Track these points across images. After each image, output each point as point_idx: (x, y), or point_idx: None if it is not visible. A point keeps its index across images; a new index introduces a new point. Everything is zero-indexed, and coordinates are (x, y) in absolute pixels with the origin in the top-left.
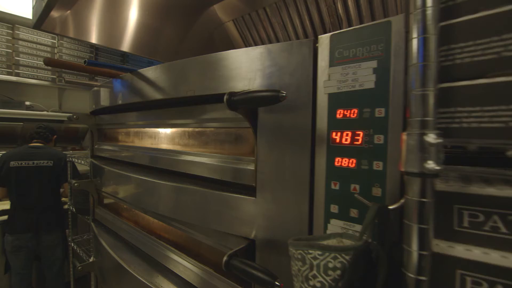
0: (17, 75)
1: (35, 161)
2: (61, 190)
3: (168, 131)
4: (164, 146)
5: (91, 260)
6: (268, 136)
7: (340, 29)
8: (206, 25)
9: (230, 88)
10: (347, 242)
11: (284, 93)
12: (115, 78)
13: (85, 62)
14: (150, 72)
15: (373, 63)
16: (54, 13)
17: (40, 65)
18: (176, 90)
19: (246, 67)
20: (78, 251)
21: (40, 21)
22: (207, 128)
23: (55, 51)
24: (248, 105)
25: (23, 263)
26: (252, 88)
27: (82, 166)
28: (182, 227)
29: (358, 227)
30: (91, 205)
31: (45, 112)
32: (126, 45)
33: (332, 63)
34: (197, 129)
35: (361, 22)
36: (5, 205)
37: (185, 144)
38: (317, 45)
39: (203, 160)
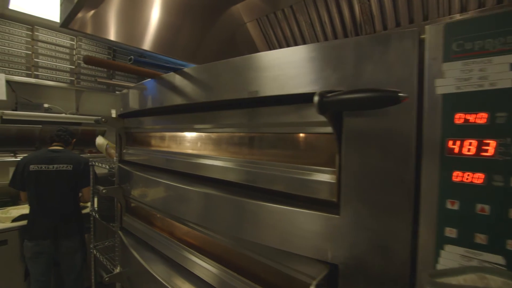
0: (36, 77)
1: (55, 165)
2: (79, 194)
3: (214, 136)
4: (209, 152)
5: (117, 270)
6: (357, 144)
7: (374, 28)
8: (227, 24)
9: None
10: (495, 281)
11: (403, 93)
12: (153, 79)
13: (130, 59)
14: (200, 71)
15: (510, 58)
16: (80, 13)
17: (59, 67)
18: (234, 90)
19: (322, 64)
20: (101, 259)
21: (68, 20)
22: (264, 134)
23: (74, 53)
24: (347, 108)
25: (42, 269)
26: (330, 89)
27: (99, 169)
28: (231, 243)
29: (486, 256)
30: (118, 212)
31: (63, 115)
32: (147, 43)
33: (448, 57)
34: (253, 135)
35: (397, 21)
36: (24, 209)
37: (235, 151)
38: (422, 36)
39: (260, 169)
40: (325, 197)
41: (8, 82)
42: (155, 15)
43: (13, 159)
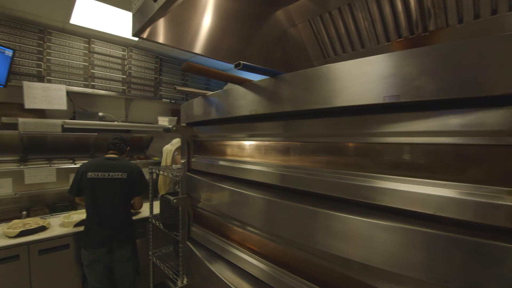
0: (93, 87)
1: (110, 173)
2: (131, 202)
3: (299, 145)
4: (289, 162)
5: (185, 281)
6: None
7: (446, 21)
8: (276, 26)
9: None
10: None
11: None
12: (240, 85)
13: (238, 64)
14: (310, 74)
15: None
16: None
17: (112, 77)
18: (360, 95)
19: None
20: (162, 267)
21: (141, 30)
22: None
23: (125, 63)
24: None
25: (98, 277)
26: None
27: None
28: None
29: None
30: (186, 222)
31: (115, 123)
32: (198, 47)
33: None
34: (358, 145)
35: (475, 13)
36: (81, 214)
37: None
38: None
39: (394, 185)
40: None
41: (67, 93)
42: (206, 19)
43: (72, 165)
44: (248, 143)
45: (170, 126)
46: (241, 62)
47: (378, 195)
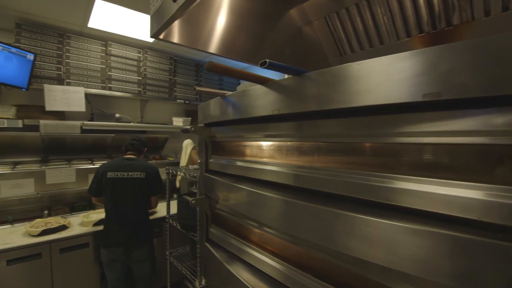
0: (110, 89)
1: (129, 173)
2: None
3: (324, 146)
4: (310, 163)
5: (203, 283)
6: None
7: (472, 14)
8: (290, 24)
9: None
10: None
11: None
12: (262, 84)
13: (264, 62)
14: (338, 72)
15: None
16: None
17: (128, 78)
18: (395, 92)
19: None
20: (180, 267)
21: (160, 31)
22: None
23: (141, 65)
24: None
25: (117, 275)
26: None
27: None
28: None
29: None
30: (204, 223)
31: (131, 124)
32: (212, 46)
33: None
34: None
35: (504, 5)
36: (103, 214)
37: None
38: None
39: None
40: None
41: (85, 95)
42: (220, 18)
43: (91, 166)
44: (267, 144)
45: (189, 127)
46: (267, 60)
47: (415, 198)
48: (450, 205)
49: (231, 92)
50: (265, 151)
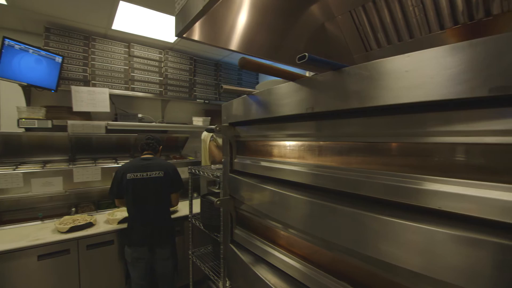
0: (133, 89)
1: (148, 172)
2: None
3: (363, 145)
4: (345, 164)
5: (228, 285)
6: None
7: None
8: (313, 19)
9: None
10: None
11: None
12: (294, 80)
13: (303, 57)
14: (383, 66)
15: None
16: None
17: (150, 79)
18: (452, 87)
19: None
20: (203, 268)
21: (185, 30)
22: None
23: (162, 65)
24: None
25: (141, 274)
26: None
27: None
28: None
29: None
30: (228, 224)
31: (153, 123)
32: (234, 44)
33: None
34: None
35: None
36: (124, 212)
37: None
38: None
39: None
40: None
41: (109, 96)
42: (241, 15)
43: (115, 165)
44: (296, 144)
45: (213, 126)
46: (306, 54)
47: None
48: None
49: (258, 90)
50: (294, 151)
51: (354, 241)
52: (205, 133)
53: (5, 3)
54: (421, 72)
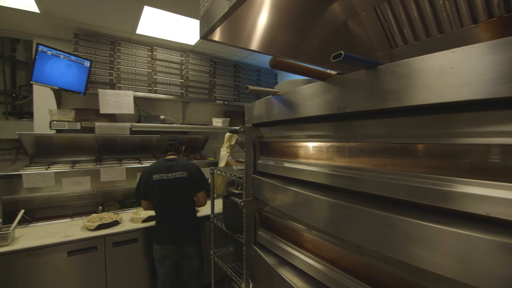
0: (155, 92)
1: (173, 173)
2: (194, 199)
3: (399, 147)
4: (373, 166)
5: (251, 286)
6: None
7: None
8: (335, 17)
9: None
10: None
11: None
12: (324, 80)
13: (339, 55)
14: (423, 63)
15: None
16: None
17: (172, 81)
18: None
19: None
20: (225, 268)
21: (210, 32)
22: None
23: (183, 68)
24: None
25: (167, 271)
26: None
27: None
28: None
29: None
30: (252, 226)
31: (175, 125)
32: (254, 44)
33: None
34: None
35: None
36: (151, 211)
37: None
38: None
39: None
40: None
41: (133, 98)
42: (262, 15)
43: (139, 165)
44: (324, 144)
45: (237, 127)
46: (342, 52)
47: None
48: None
49: (284, 91)
50: (321, 153)
51: (384, 244)
52: (228, 134)
53: (38, 11)
54: (468, 69)
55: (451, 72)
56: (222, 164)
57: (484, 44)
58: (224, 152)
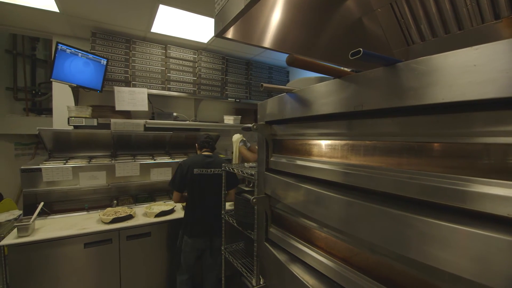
0: (169, 89)
1: (211, 169)
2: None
3: (418, 146)
4: (390, 165)
5: (261, 282)
6: None
7: None
8: (349, 13)
9: None
10: None
11: None
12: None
13: (358, 52)
14: (444, 60)
15: None
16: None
17: (185, 79)
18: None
19: None
20: (236, 264)
21: (224, 30)
22: None
23: (196, 65)
24: None
25: (192, 263)
26: None
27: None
28: None
29: None
30: (263, 223)
31: (187, 122)
32: (267, 41)
33: None
34: None
35: None
36: (162, 206)
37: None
38: None
39: None
40: None
41: (147, 95)
42: (275, 12)
43: (152, 161)
44: (338, 142)
45: (250, 125)
46: (361, 49)
47: None
48: None
49: (298, 88)
50: (334, 150)
51: (399, 243)
52: (235, 136)
53: (58, 11)
54: (492, 66)
55: (474, 69)
56: (236, 151)
57: (509, 41)
58: (236, 135)
